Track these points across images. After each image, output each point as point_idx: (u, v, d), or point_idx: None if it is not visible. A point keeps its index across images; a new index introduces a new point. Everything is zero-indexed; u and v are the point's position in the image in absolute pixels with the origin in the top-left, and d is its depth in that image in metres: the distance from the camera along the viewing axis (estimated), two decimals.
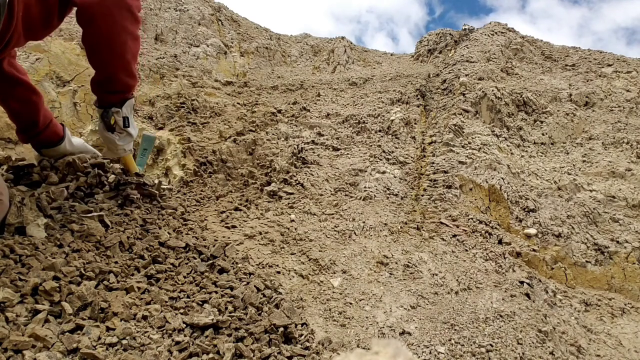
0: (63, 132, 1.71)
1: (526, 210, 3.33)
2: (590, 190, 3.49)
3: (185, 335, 1.10)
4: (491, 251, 2.83)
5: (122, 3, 1.40)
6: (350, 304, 2.13)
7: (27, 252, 1.17)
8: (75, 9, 1.42)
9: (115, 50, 1.50)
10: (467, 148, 3.85)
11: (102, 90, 1.58)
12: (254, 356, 1.12)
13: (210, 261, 1.48)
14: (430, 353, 1.88)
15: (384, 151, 3.77)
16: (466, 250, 2.82)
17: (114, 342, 1.02)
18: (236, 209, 2.91)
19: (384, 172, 3.47)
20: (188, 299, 1.25)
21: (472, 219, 3.15)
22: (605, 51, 5.90)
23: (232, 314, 1.22)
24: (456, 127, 4.08)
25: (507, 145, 4.01)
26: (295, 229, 2.73)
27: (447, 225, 3.05)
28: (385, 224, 2.91)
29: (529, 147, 4.09)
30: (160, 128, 3.79)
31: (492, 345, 1.98)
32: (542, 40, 6.27)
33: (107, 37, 1.46)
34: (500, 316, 2.19)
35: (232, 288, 1.36)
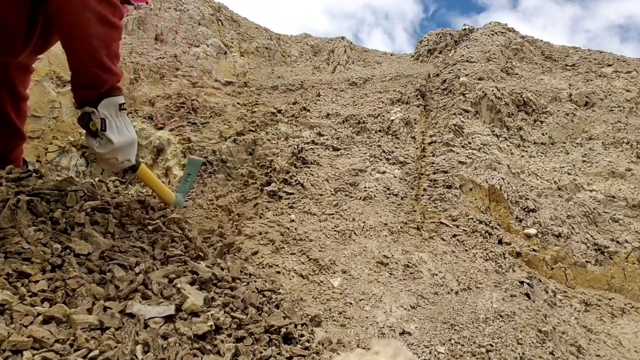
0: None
1: (526, 210, 3.33)
2: (590, 190, 3.49)
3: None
4: (491, 251, 2.83)
5: None
6: (350, 304, 2.13)
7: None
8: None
9: (77, 31, 1.30)
10: (467, 148, 3.85)
11: (73, 85, 1.39)
12: (254, 356, 1.11)
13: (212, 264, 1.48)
14: (430, 353, 1.88)
15: (384, 151, 3.76)
16: (466, 250, 2.82)
17: None
18: None
19: (384, 172, 3.47)
20: None
21: (472, 219, 3.14)
22: (605, 51, 5.89)
23: (232, 315, 1.22)
24: (456, 127, 4.08)
25: (507, 145, 4.01)
26: (295, 229, 2.73)
27: (447, 225, 3.05)
28: (385, 224, 2.91)
29: (529, 147, 4.08)
30: (160, 128, 3.79)
31: (492, 345, 1.98)
32: (542, 40, 6.27)
33: (64, 14, 1.27)
34: (500, 316, 2.19)
35: (232, 288, 1.36)
